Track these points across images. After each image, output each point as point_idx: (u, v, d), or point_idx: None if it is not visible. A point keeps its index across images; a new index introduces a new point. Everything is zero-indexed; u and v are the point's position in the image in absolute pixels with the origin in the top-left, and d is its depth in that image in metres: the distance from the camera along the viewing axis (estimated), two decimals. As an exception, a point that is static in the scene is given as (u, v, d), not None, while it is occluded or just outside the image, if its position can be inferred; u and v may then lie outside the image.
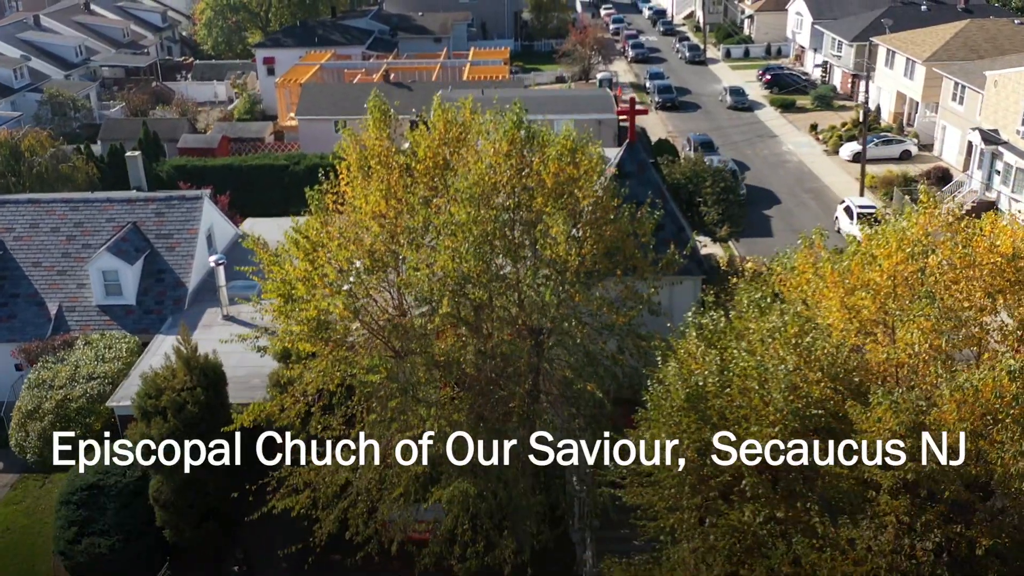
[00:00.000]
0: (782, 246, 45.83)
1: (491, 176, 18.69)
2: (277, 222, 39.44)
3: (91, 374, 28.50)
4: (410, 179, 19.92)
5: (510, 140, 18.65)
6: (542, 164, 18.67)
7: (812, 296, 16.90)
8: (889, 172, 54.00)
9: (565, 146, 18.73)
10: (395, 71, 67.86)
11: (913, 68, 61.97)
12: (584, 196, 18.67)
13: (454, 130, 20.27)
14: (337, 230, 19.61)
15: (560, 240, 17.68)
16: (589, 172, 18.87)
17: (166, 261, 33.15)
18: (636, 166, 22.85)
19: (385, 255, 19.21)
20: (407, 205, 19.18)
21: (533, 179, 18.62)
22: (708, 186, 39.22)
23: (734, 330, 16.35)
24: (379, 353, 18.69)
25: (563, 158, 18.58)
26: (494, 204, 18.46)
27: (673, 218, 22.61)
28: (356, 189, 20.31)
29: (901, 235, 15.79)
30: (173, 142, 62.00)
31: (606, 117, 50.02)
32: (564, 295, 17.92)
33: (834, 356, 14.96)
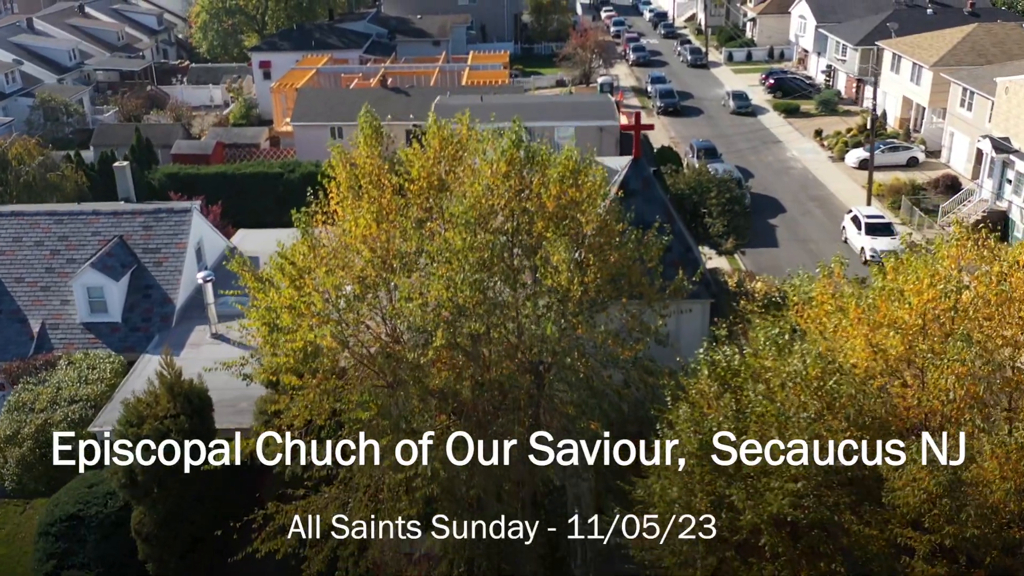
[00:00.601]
0: (788, 258, 44.88)
1: (488, 198, 17.59)
2: (270, 234, 38.46)
3: (73, 397, 27.37)
4: (403, 200, 18.82)
5: (508, 160, 17.56)
6: (542, 186, 17.57)
7: (833, 332, 15.78)
8: (896, 180, 52.93)
9: (567, 167, 17.62)
10: (392, 76, 66.75)
11: (920, 73, 60.90)
12: (587, 221, 17.57)
13: (450, 148, 19.17)
14: (326, 252, 18.49)
15: (562, 269, 16.60)
16: (592, 195, 17.76)
17: (153, 277, 32.04)
18: (641, 183, 21.78)
19: (376, 280, 18.10)
20: (400, 228, 18.08)
21: (533, 202, 17.53)
22: (713, 197, 38.10)
23: (749, 368, 15.27)
24: (370, 384, 17.59)
25: (565, 180, 17.49)
26: (491, 228, 17.36)
27: (680, 238, 21.54)
28: (346, 210, 19.21)
29: (933, 272, 14.66)
30: (167, 148, 60.92)
31: (608, 124, 48.92)
32: (566, 327, 16.83)
33: (860, 403, 13.87)
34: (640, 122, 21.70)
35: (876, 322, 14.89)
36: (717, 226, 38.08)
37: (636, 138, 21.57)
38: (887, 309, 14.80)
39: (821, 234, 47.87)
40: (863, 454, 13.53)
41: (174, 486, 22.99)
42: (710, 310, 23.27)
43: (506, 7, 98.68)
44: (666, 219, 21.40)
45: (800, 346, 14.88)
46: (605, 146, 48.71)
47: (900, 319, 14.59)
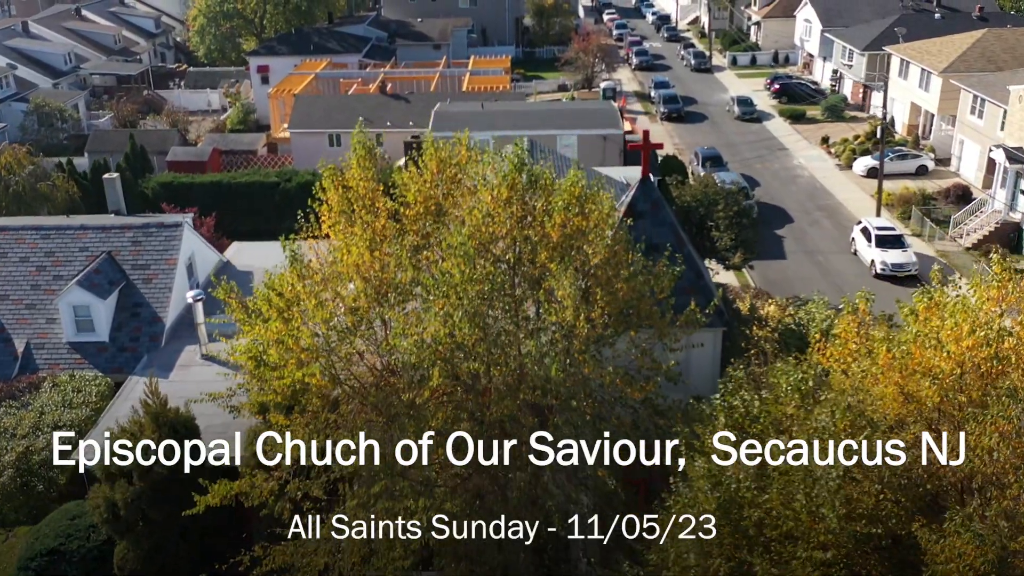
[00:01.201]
0: (797, 271, 43.79)
1: (489, 225, 16.51)
2: (265, 247, 37.43)
3: (57, 422, 26.30)
4: (398, 225, 17.74)
5: (510, 185, 16.48)
6: (546, 214, 16.48)
7: (861, 378, 14.66)
8: (906, 189, 51.81)
9: (572, 194, 16.52)
10: (392, 81, 65.69)
11: (929, 79, 59.77)
12: (594, 252, 16.47)
13: (448, 170, 18.08)
14: (317, 280, 17.39)
15: (567, 304, 15.52)
16: (600, 224, 16.66)
17: (142, 294, 30.97)
18: (650, 205, 20.66)
19: (369, 312, 17.02)
20: (394, 256, 17.00)
21: (536, 230, 16.44)
22: (720, 210, 36.97)
23: (770, 416, 14.19)
24: (364, 421, 16.51)
25: (570, 208, 16.40)
26: (492, 257, 16.28)
27: (691, 262, 20.45)
28: (337, 235, 18.15)
29: (973, 317, 13.55)
30: (163, 154, 59.89)
31: (612, 132, 47.84)
32: (572, 366, 15.73)
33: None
34: (649, 140, 20.58)
35: (909, 369, 13.79)
36: (724, 240, 36.98)
37: (645, 157, 20.44)
38: (921, 356, 13.69)
39: (830, 246, 46.77)
40: (898, 518, 12.44)
41: (158, 521, 21.99)
42: (722, 337, 22.18)
43: (507, 10, 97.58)
44: (676, 243, 20.33)
45: (826, 394, 13.77)
46: (609, 155, 47.68)
47: (936, 367, 13.48)
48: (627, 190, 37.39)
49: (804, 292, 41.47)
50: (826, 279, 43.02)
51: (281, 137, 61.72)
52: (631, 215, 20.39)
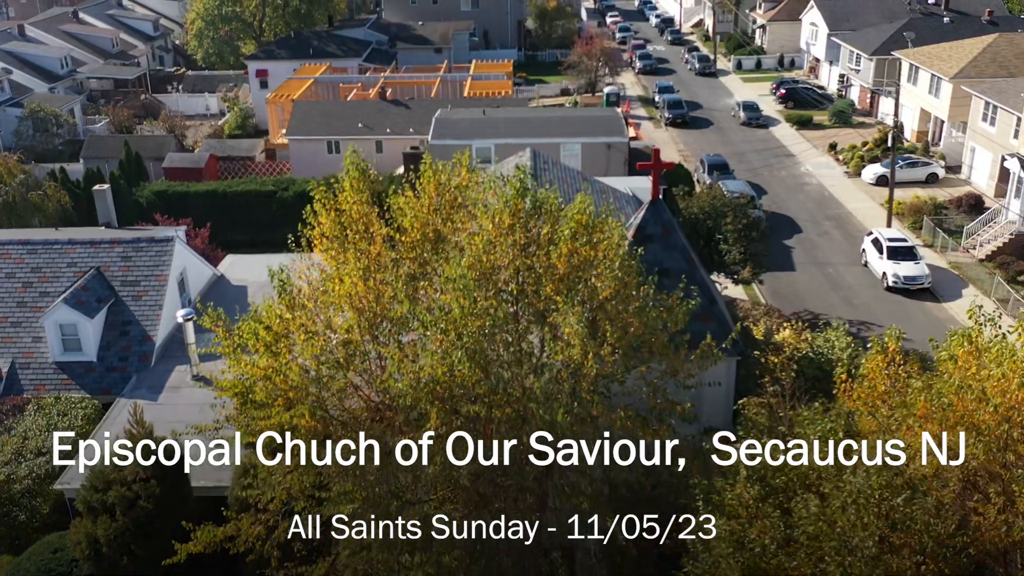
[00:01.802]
0: (807, 284, 42.69)
1: (490, 254, 15.44)
2: (260, 259, 36.35)
3: (40, 448, 25.25)
4: (394, 252, 16.67)
5: (512, 212, 15.41)
6: (550, 243, 15.40)
7: (896, 429, 13.59)
8: (916, 198, 50.68)
9: (579, 222, 15.44)
10: (392, 86, 64.66)
11: (939, 85, 58.68)
12: (604, 286, 15.40)
13: (447, 195, 17.01)
14: (309, 308, 16.33)
15: (574, 343, 14.46)
16: (609, 254, 15.58)
17: (132, 312, 29.93)
18: (661, 228, 19.55)
19: (362, 344, 15.95)
20: (390, 286, 15.93)
21: (540, 260, 15.37)
22: (729, 222, 35.87)
23: (796, 469, 13.12)
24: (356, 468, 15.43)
25: (577, 237, 15.34)
26: (493, 288, 15.22)
27: (704, 288, 19.35)
28: (329, 260, 17.08)
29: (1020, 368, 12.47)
30: (159, 160, 58.87)
31: (616, 140, 46.77)
32: (579, 408, 14.67)
33: (936, 528, 11.71)
34: (659, 159, 19.46)
35: (950, 421, 12.73)
36: (733, 253, 35.88)
37: (655, 178, 19.34)
38: (963, 407, 12.62)
39: (840, 257, 45.64)
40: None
41: (144, 558, 20.94)
42: (736, 366, 21.11)
43: (509, 13, 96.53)
44: (688, 268, 19.26)
45: (859, 447, 12.69)
46: (613, 164, 46.63)
47: (982, 421, 12.42)
48: (631, 202, 36.41)
49: (815, 306, 40.45)
50: (837, 292, 41.92)
51: (279, 143, 60.69)
52: (640, 239, 19.30)
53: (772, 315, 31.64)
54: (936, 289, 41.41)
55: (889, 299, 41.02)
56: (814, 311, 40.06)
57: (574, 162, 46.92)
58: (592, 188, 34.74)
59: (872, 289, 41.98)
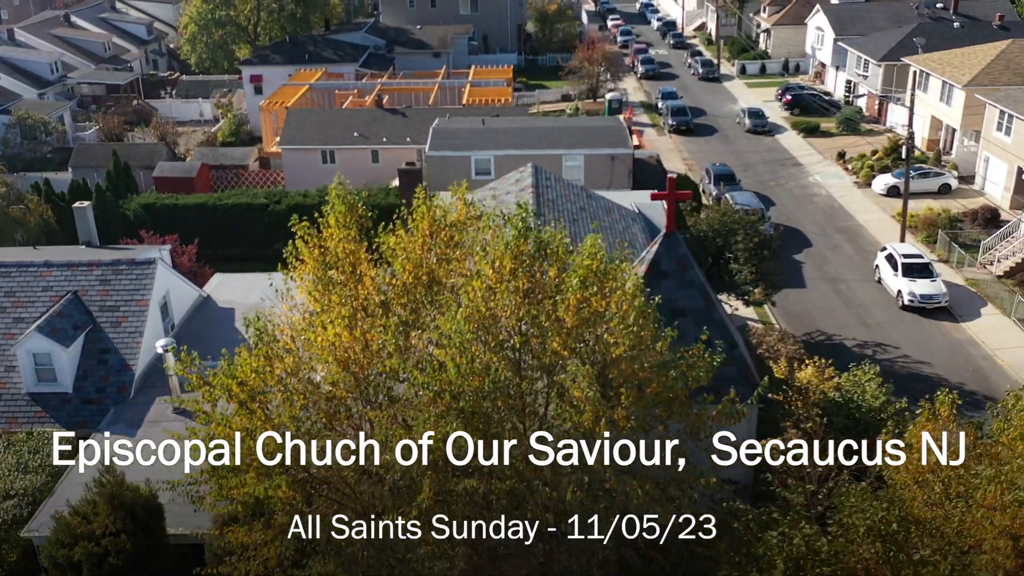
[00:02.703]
0: (818, 301, 41.01)
1: (490, 300, 13.83)
2: (249, 279, 34.78)
3: (8, 491, 23.60)
4: (384, 297, 15.04)
5: (514, 255, 13.80)
6: (557, 291, 13.78)
7: (960, 521, 11.98)
8: (929, 210, 49.08)
9: (589, 268, 13.82)
10: (389, 92, 63.03)
11: (951, 92, 57.06)
12: (617, 342, 13.79)
13: (443, 232, 15.37)
14: (288, 364, 14.71)
15: (586, 409, 12.88)
16: (623, 306, 13.95)
17: (111, 339, 28.29)
18: (676, 263, 17.89)
19: (348, 400, 14.34)
20: (378, 336, 14.31)
21: (546, 308, 13.75)
22: (740, 240, 34.26)
23: (840, 561, 11.53)
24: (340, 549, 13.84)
25: (588, 286, 13.73)
26: (493, 341, 13.61)
27: (723, 329, 17.71)
28: (312, 302, 15.47)
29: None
30: (149, 169, 57.31)
31: (620, 152, 45.15)
32: (591, 482, 13.08)
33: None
34: (674, 188, 17.81)
35: (1020, 517, 11.14)
36: (744, 273, 34.28)
37: (670, 208, 17.68)
38: None
39: (852, 273, 44.02)
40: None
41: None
42: (757, 412, 19.51)
43: (509, 17, 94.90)
44: (705, 307, 17.63)
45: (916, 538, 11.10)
46: (617, 176, 45.03)
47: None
48: (637, 219, 34.80)
49: (827, 325, 38.84)
50: (850, 310, 40.30)
51: (273, 151, 59.06)
52: (653, 275, 17.69)
53: (787, 340, 30.03)
54: (953, 308, 39.79)
55: (905, 318, 39.41)
56: (826, 331, 38.49)
57: (576, 174, 45.30)
58: (596, 205, 33.16)
59: (887, 308, 40.37)
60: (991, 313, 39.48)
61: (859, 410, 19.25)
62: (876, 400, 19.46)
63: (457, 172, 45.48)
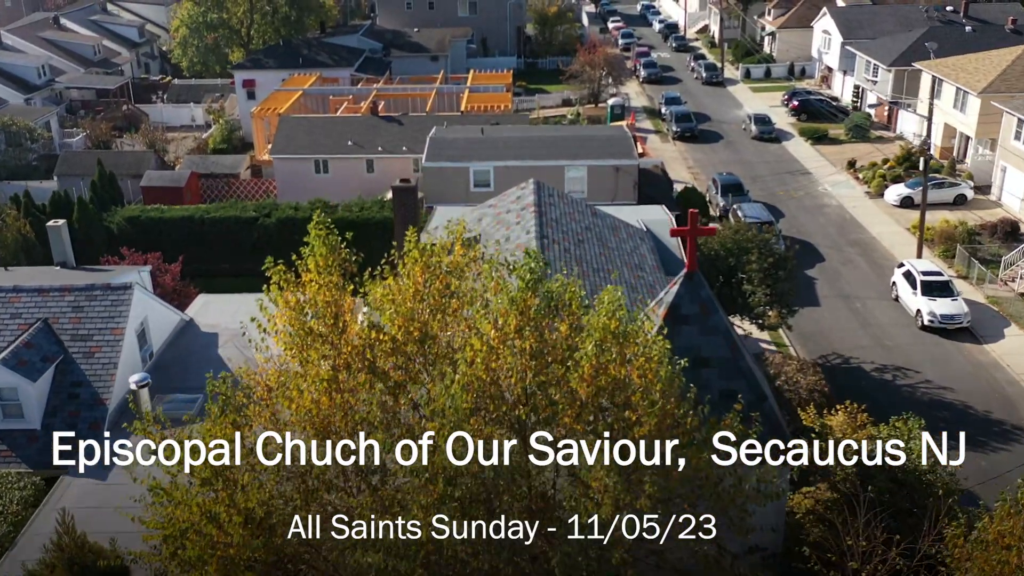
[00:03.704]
0: (834, 321, 39.09)
1: (491, 361, 11.95)
2: (235, 301, 32.80)
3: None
4: (369, 356, 13.13)
5: (520, 311, 11.93)
6: (569, 350, 11.90)
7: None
8: (945, 222, 47.22)
9: (607, 328, 11.93)
10: (385, 98, 61.18)
11: (965, 100, 55.22)
12: (640, 419, 11.90)
13: (438, 280, 13.46)
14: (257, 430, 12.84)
15: (605, 501, 11.03)
16: (648, 375, 12.03)
17: (83, 371, 26.37)
18: (698, 306, 15.90)
19: (326, 475, 12.46)
20: (362, 406, 12.43)
21: (556, 373, 11.87)
22: (753, 260, 32.40)
23: None
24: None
25: (604, 352, 11.85)
26: (494, 409, 11.74)
27: (749, 379, 15.75)
28: (288, 355, 13.59)
29: None
30: (137, 178, 55.44)
31: (625, 163, 43.27)
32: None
33: None
34: (697, 223, 15.85)
35: None
36: (758, 295, 32.40)
37: (691, 247, 15.73)
38: None
39: (867, 290, 42.12)
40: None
41: None
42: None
43: (509, 19, 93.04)
44: (730, 355, 15.75)
45: None
46: (622, 188, 43.16)
47: None
48: (646, 239, 32.87)
49: (843, 347, 36.97)
50: (866, 331, 38.41)
51: (265, 159, 57.16)
52: (673, 320, 15.78)
53: (806, 371, 28.14)
54: (976, 328, 37.91)
55: (925, 340, 37.54)
56: (843, 353, 36.63)
57: (579, 186, 43.47)
58: (602, 224, 31.28)
59: (905, 328, 38.48)
60: (1015, 334, 37.61)
61: (902, 471, 17.38)
62: (922, 460, 17.52)
63: (455, 184, 43.64)
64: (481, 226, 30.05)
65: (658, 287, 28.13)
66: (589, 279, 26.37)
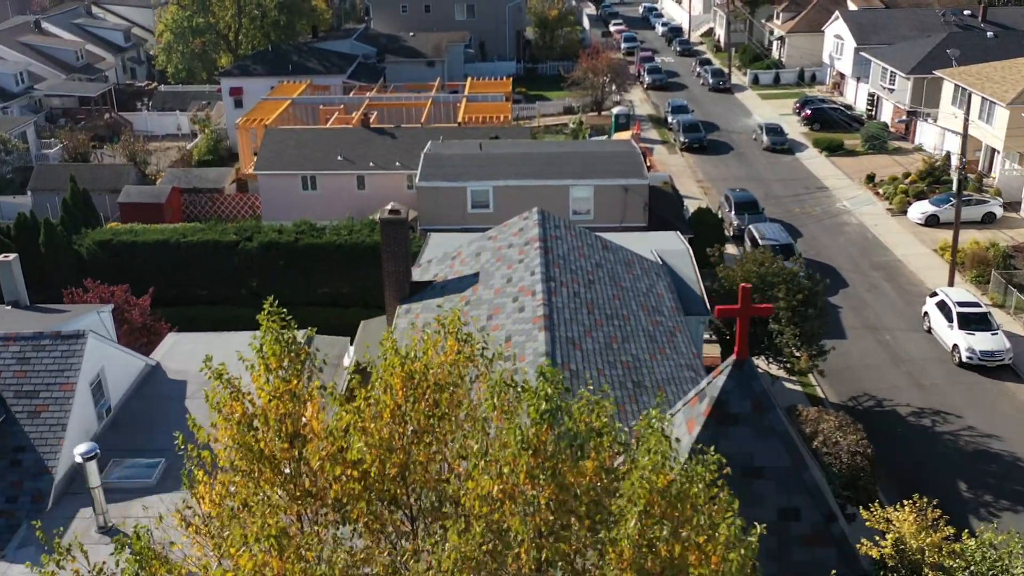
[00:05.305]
0: (862, 355, 35.96)
1: (495, 513, 8.83)
2: (208, 340, 29.60)
3: None
4: (335, 495, 9.96)
5: (534, 448, 8.82)
6: (595, 513, 8.76)
7: None
8: (975, 243, 44.08)
9: (654, 485, 8.66)
10: (378, 108, 57.97)
11: (992, 110, 52.11)
12: (696, 569, 8.61)
13: (425, 393, 10.24)
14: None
15: None
16: (714, 563, 8.75)
17: (26, 434, 23.17)
18: (751, 403, 12.59)
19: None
20: (322, 565, 9.30)
21: (579, 534, 8.74)
22: (781, 297, 29.29)
23: None
24: None
25: (652, 518, 8.63)
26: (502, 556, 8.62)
27: (816, 497, 12.59)
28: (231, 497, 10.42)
29: None
30: (115, 193, 52.37)
31: (634, 182, 40.13)
32: None
33: None
34: (749, 301, 12.58)
35: None
36: (786, 335, 29.28)
37: (742, 331, 12.54)
38: None
39: (896, 320, 38.98)
40: None
41: None
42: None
43: (508, 22, 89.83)
44: (791, 464, 12.61)
45: None
46: (631, 210, 40.00)
47: None
48: (662, 274, 29.60)
49: (874, 387, 33.86)
50: (899, 368, 35.28)
51: (251, 173, 53.92)
52: (720, 420, 12.57)
53: (846, 429, 24.94)
54: (1018, 366, 34.79)
55: (963, 377, 34.42)
56: (875, 394, 33.51)
57: (585, 207, 40.35)
58: (615, 258, 28.12)
59: (941, 364, 35.36)
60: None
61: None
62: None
63: (451, 205, 40.48)
64: (480, 262, 26.91)
65: (679, 334, 25.00)
66: (603, 329, 23.24)
